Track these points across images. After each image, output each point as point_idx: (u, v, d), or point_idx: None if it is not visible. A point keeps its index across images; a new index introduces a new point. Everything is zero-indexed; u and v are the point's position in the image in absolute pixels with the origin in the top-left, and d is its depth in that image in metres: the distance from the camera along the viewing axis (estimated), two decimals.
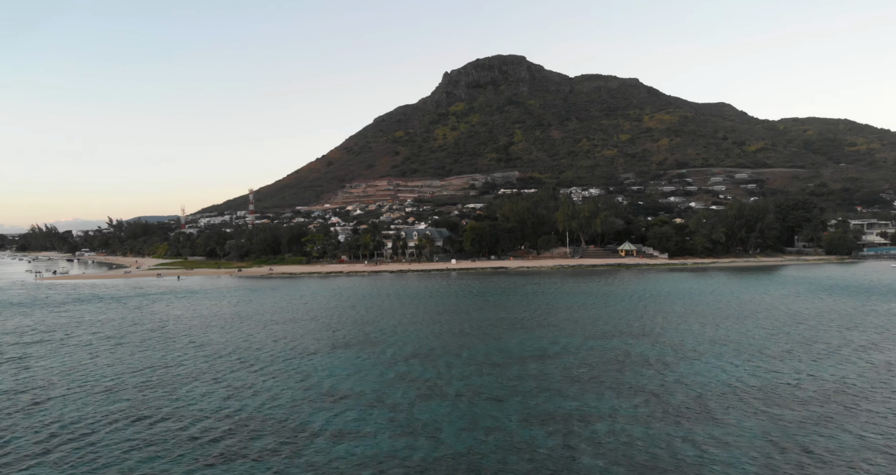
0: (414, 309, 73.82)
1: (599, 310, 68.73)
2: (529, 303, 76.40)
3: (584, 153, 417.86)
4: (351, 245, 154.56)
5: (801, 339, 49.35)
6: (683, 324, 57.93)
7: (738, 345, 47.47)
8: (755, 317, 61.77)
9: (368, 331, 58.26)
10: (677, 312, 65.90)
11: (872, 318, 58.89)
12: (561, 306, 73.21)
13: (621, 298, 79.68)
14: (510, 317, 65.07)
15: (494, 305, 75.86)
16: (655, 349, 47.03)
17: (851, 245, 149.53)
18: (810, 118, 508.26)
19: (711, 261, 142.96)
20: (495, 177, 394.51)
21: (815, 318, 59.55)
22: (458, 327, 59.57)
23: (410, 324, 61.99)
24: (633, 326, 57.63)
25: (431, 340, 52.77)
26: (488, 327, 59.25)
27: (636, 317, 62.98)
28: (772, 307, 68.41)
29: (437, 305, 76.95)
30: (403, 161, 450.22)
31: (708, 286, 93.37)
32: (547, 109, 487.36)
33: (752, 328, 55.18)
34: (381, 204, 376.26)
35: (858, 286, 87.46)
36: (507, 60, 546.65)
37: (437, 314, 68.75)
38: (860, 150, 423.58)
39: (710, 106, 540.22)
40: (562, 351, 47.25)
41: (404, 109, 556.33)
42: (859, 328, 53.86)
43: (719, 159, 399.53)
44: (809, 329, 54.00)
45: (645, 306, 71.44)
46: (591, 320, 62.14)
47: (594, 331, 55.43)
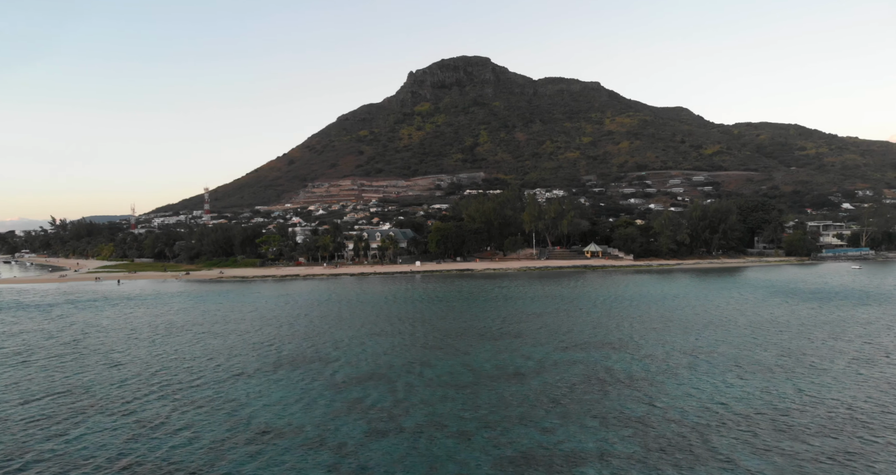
0: (373, 317, 67.49)
1: (571, 317, 63.95)
2: (497, 310, 71.11)
3: (548, 155, 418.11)
4: (309, 246, 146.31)
5: (789, 351, 45.40)
6: (661, 333, 53.54)
7: (725, 359, 43.11)
8: (734, 325, 57.97)
9: (320, 345, 51.69)
10: (652, 319, 61.66)
11: (855, 327, 55.83)
12: (531, 313, 68.17)
13: (592, 303, 75.28)
14: (478, 327, 59.53)
15: (461, 312, 70.24)
16: (637, 364, 42.21)
17: (811, 246, 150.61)
18: (763, 123, 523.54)
19: (676, 263, 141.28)
20: (461, 177, 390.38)
21: (796, 327, 56.10)
22: (422, 339, 53.65)
23: (368, 335, 55.68)
24: (609, 336, 52.90)
25: (391, 356, 46.67)
26: (454, 338, 53.53)
27: (611, 326, 58.37)
28: (748, 313, 64.98)
29: (398, 313, 70.80)
30: (368, 160, 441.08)
31: (677, 290, 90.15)
32: (511, 111, 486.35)
33: (733, 337, 51.15)
34: (344, 204, 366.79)
35: (828, 290, 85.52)
36: (472, 62, 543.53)
37: (399, 323, 62.65)
38: (809, 154, 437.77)
39: (668, 110, 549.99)
40: (536, 367, 41.92)
41: (369, 108, 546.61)
42: (844, 337, 50.48)
43: (677, 162, 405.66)
44: (794, 338, 50.30)
45: (618, 312, 67.09)
46: (564, 329, 57.20)
47: (568, 342, 50.41)
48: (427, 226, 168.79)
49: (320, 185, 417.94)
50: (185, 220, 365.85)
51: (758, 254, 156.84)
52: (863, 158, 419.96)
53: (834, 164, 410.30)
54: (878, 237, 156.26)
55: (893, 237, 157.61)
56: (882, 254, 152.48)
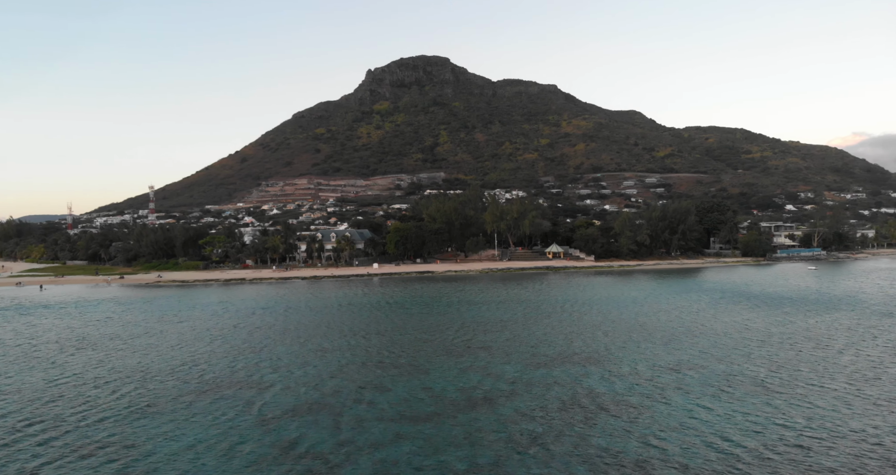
0: (322, 328, 60.13)
1: (540, 326, 58.39)
2: (461, 317, 64.91)
3: (507, 156, 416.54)
4: (258, 248, 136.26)
5: (780, 365, 40.93)
6: (639, 345, 48.52)
7: (715, 376, 38.17)
8: (712, 333, 53.62)
9: (255, 364, 44.15)
10: (625, 327, 56.76)
11: (838, 335, 52.34)
12: (494, 320, 62.30)
13: (559, 309, 70.10)
14: (439, 338, 53.14)
15: (421, 321, 63.67)
16: (620, 383, 36.76)
17: (766, 247, 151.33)
18: (711, 127, 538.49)
19: (637, 264, 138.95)
20: (421, 177, 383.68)
21: (777, 335, 52.12)
22: (376, 355, 46.84)
23: (314, 352, 48.43)
24: (584, 347, 47.47)
25: (338, 379, 39.69)
26: (412, 353, 46.99)
27: (583, 335, 53.05)
28: (724, 320, 61.02)
29: (351, 323, 63.64)
30: (325, 159, 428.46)
31: (643, 292, 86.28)
32: (471, 112, 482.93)
33: (716, 349, 46.56)
34: (300, 203, 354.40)
35: (796, 294, 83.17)
36: (432, 61, 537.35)
37: (351, 336, 55.57)
38: (755, 157, 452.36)
39: (622, 113, 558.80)
40: (507, 389, 35.86)
41: (326, 106, 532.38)
42: (830, 347, 46.65)
43: (631, 164, 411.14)
44: (779, 349, 46.08)
45: (588, 319, 62.02)
46: (534, 339, 51.52)
47: (540, 356, 44.69)
48: (386, 226, 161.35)
49: (275, 184, 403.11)
50: (131, 219, 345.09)
51: (715, 255, 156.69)
52: (804, 162, 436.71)
53: (777, 167, 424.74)
54: (829, 237, 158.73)
55: (843, 237, 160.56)
56: (833, 254, 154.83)
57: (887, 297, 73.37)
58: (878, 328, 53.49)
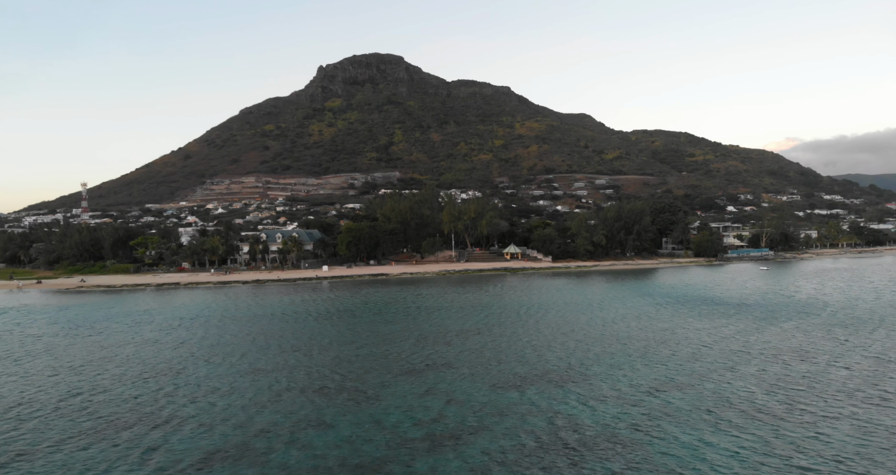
0: (258, 342, 52.37)
1: (503, 336, 52.72)
2: (417, 327, 58.44)
3: (462, 156, 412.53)
4: (195, 249, 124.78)
5: (772, 384, 36.64)
6: (609, 357, 43.55)
7: (703, 400, 33.38)
8: (688, 344, 49.37)
9: (164, 393, 36.30)
10: (593, 337, 51.86)
11: (821, 344, 49.00)
12: (456, 330, 56.22)
13: (521, 315, 64.78)
14: (392, 354, 46.55)
15: (372, 332, 56.81)
16: (598, 411, 31.38)
17: (717, 247, 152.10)
18: (657, 130, 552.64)
19: (593, 264, 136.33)
20: (376, 176, 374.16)
21: (758, 347, 48.33)
22: (317, 377, 39.82)
23: (243, 374, 40.90)
24: (553, 363, 42.03)
25: (269, 411, 32.52)
26: (361, 374, 40.26)
27: (551, 347, 47.70)
28: (696, 328, 57.18)
29: (292, 335, 56.10)
30: (274, 156, 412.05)
31: (603, 295, 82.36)
32: (426, 111, 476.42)
33: (699, 364, 42.10)
34: (247, 202, 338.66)
35: (758, 299, 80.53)
36: (385, 59, 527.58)
37: (290, 353, 48.18)
38: (698, 160, 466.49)
39: (573, 116, 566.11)
40: (474, 422, 29.76)
41: (275, 102, 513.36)
42: (817, 360, 43.14)
43: (581, 166, 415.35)
44: (766, 364, 42.03)
45: (552, 327, 56.87)
46: (496, 352, 45.76)
47: (507, 375, 38.93)
48: (338, 226, 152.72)
49: (220, 182, 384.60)
50: (63, 219, 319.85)
51: (668, 255, 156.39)
52: (743, 165, 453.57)
53: (719, 169, 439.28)
54: (776, 238, 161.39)
55: (789, 238, 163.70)
56: (780, 254, 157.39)
57: (851, 301, 71.83)
58: (855, 334, 50.59)
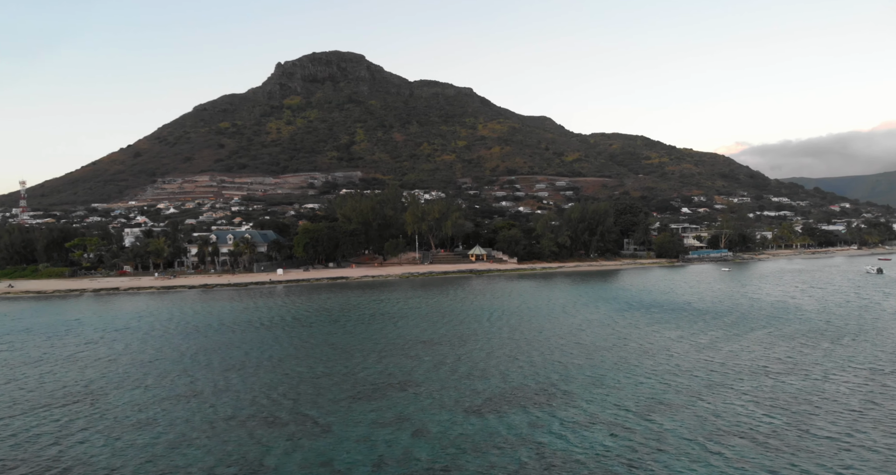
0: (187, 359, 45.61)
1: (466, 347, 47.74)
2: (375, 337, 52.73)
3: (426, 157, 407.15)
4: (138, 252, 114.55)
5: (772, 405, 32.87)
6: (583, 371, 39.25)
7: (700, 424, 29.24)
8: (664, 355, 45.61)
9: (56, 427, 29.42)
10: (562, 346, 47.59)
11: (807, 355, 46.03)
12: (419, 340, 50.85)
13: (486, 322, 60.01)
14: (346, 371, 40.78)
15: (327, 344, 50.75)
16: (581, 441, 26.61)
17: (679, 248, 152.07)
18: (615, 134, 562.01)
19: (559, 266, 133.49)
20: (336, 176, 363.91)
21: (740, 357, 45.06)
22: (262, 402, 33.67)
23: (161, 401, 34.29)
24: (528, 379, 37.32)
25: (183, 450, 26.26)
26: (312, 396, 34.41)
27: (515, 359, 43.05)
28: (667, 337, 53.70)
29: (231, 349, 49.44)
30: (230, 155, 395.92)
31: (570, 299, 78.81)
32: (388, 111, 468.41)
33: (677, 377, 38.22)
34: (201, 202, 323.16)
35: (729, 304, 78.08)
36: (346, 57, 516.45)
37: (225, 371, 41.72)
38: (653, 163, 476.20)
39: (534, 118, 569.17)
40: (445, 462, 24.40)
41: (231, 99, 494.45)
42: (809, 373, 40.02)
43: (542, 168, 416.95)
44: (755, 378, 38.50)
45: (518, 335, 52.38)
46: (462, 368, 40.75)
47: (479, 394, 33.94)
48: (295, 227, 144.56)
49: (172, 181, 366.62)
50: (2, 219, 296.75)
51: (631, 256, 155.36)
52: (697, 168, 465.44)
53: (674, 172, 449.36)
54: (734, 239, 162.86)
55: (747, 239, 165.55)
56: (738, 255, 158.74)
57: (822, 305, 70.23)
58: (839, 343, 47.88)
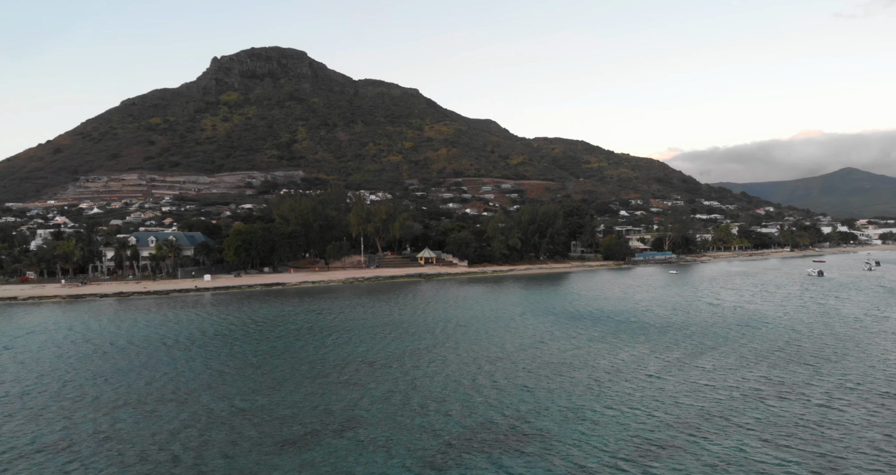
0: (87, 390, 36.01)
1: (418, 369, 40.82)
2: (311, 359, 44.74)
3: (371, 157, 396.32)
4: (44, 256, 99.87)
5: (787, 443, 27.83)
6: (557, 399, 33.26)
7: (709, 472, 23.42)
8: (640, 377, 40.45)
9: None
10: (526, 367, 41.61)
11: (797, 375, 41.97)
12: (361, 361, 43.39)
13: (438, 335, 53.40)
14: (272, 406, 32.81)
15: (249, 367, 42.33)
16: None
17: (626, 251, 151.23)
18: (557, 138, 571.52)
19: (510, 269, 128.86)
20: (277, 175, 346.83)
21: (722, 379, 40.30)
22: (151, 458, 25.11)
23: (24, 457, 25.11)
24: (486, 411, 30.86)
25: None
26: (224, 446, 26.29)
27: (476, 386, 36.65)
28: (634, 354, 48.80)
29: (137, 375, 40.20)
30: (161, 152, 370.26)
31: (525, 306, 73.59)
32: (332, 109, 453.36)
33: (664, 406, 32.85)
34: (128, 202, 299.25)
35: (691, 314, 74.82)
36: (287, 54, 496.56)
37: (129, 407, 32.66)
38: (593, 167, 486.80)
39: (480, 122, 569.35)
40: None
41: (162, 93, 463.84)
42: (807, 398, 35.58)
43: (488, 170, 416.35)
44: (752, 404, 33.68)
45: (473, 353, 46.04)
46: (415, 398, 33.83)
47: (432, 437, 27.06)
48: (228, 228, 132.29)
49: (97, 180, 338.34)
50: None
51: (580, 259, 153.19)
52: (633, 172, 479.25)
53: (612, 176, 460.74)
54: (678, 241, 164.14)
55: (689, 241, 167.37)
56: (682, 257, 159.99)
57: (782, 311, 68.06)
58: (822, 359, 44.33)
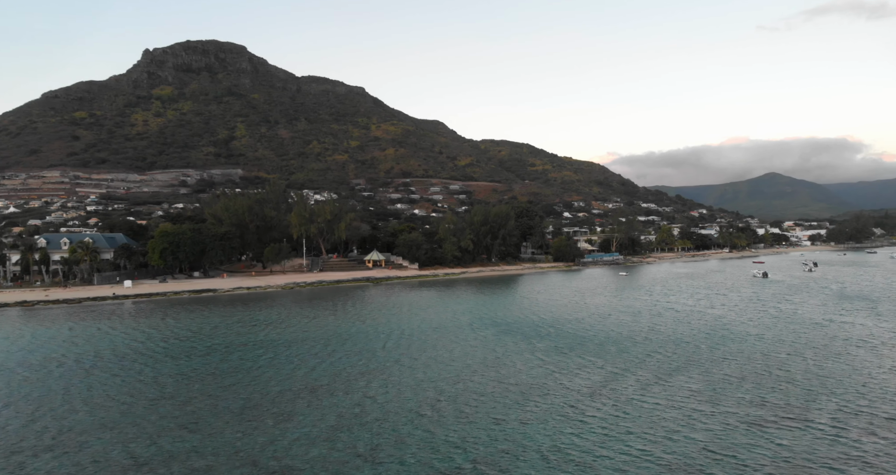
0: None
1: (366, 396, 34.36)
2: (236, 385, 37.30)
3: (315, 155, 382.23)
4: None
5: None
6: (535, 440, 27.86)
7: None
8: (624, 401, 35.81)
9: None
10: (487, 392, 36.06)
11: (793, 399, 38.39)
12: (296, 387, 36.47)
13: (384, 350, 47.21)
14: (180, 453, 25.46)
15: (161, 399, 34.43)
16: None
17: (575, 252, 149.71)
18: (503, 141, 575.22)
19: (462, 271, 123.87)
20: (214, 174, 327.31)
21: (721, 405, 36.23)
22: None
23: None
24: (450, 453, 24.93)
25: None
26: None
27: (435, 414, 30.76)
28: (605, 371, 44.44)
29: (16, 412, 31.53)
30: (86, 148, 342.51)
31: (478, 314, 68.45)
32: (273, 106, 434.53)
33: (664, 442, 28.04)
34: (49, 200, 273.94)
35: (650, 321, 72.26)
36: (226, 48, 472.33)
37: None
38: (538, 169, 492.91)
39: (427, 122, 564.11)
40: None
41: (88, 86, 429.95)
42: (812, 426, 31.71)
43: (437, 171, 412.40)
44: (789, 441, 29.39)
45: (428, 371, 40.20)
46: (364, 437, 27.33)
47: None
48: (156, 229, 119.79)
49: (14, 177, 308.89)
50: None
51: (530, 260, 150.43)
52: (576, 175, 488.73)
53: (556, 178, 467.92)
54: (624, 243, 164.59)
55: (635, 243, 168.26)
56: (628, 258, 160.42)
57: (744, 316, 66.02)
58: (815, 377, 41.26)
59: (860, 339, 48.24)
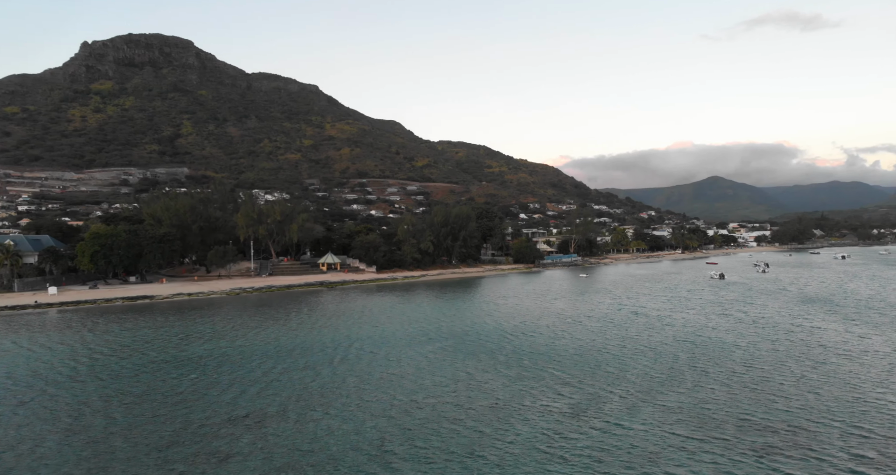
0: None
1: (320, 428, 29.18)
2: (165, 414, 31.31)
3: (267, 154, 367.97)
4: None
5: None
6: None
7: None
8: (627, 427, 32.22)
9: None
10: (456, 416, 31.76)
11: (801, 417, 35.60)
12: (240, 416, 30.89)
13: (338, 366, 42.02)
14: None
15: (64, 430, 28.09)
16: None
17: (535, 254, 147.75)
18: (460, 142, 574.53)
19: (421, 274, 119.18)
20: (158, 172, 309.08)
21: (713, 430, 33.10)
22: None
23: None
24: None
25: None
26: None
27: (394, 447, 26.02)
28: (589, 395, 40.96)
29: None
30: (18, 144, 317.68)
31: (441, 323, 64.20)
32: (222, 103, 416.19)
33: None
34: None
35: (626, 329, 69.10)
36: (171, 42, 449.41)
37: None
38: (494, 171, 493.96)
39: (384, 122, 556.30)
40: None
41: (21, 79, 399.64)
42: (828, 457, 28.77)
43: (393, 172, 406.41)
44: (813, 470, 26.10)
45: (383, 393, 35.39)
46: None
47: None
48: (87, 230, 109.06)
49: None
50: None
51: (491, 262, 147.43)
52: (531, 177, 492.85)
53: (512, 180, 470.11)
54: (582, 244, 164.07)
55: (593, 244, 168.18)
56: (586, 260, 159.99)
57: (711, 321, 64.33)
58: (806, 391, 38.88)
59: (837, 347, 46.75)
